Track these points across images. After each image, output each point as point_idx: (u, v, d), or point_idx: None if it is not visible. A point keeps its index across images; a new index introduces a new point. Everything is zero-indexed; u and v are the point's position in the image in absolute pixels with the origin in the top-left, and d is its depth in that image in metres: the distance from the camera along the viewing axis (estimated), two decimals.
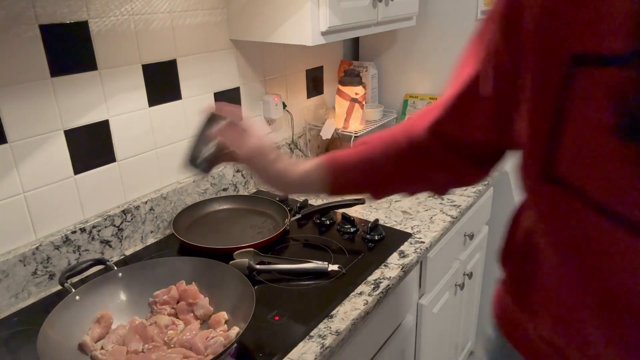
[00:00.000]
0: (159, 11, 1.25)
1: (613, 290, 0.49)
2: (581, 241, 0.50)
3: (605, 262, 0.49)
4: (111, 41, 1.17)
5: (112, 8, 1.15)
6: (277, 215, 1.39)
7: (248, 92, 1.57)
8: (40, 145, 1.09)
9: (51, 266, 1.13)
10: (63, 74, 1.09)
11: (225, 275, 0.98)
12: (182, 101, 1.37)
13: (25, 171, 1.07)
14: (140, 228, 1.30)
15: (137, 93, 1.26)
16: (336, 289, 1.07)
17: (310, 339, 0.94)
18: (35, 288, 1.11)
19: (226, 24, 1.44)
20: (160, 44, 1.28)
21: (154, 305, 0.98)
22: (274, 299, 1.04)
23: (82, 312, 0.92)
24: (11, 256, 1.06)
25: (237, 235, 1.30)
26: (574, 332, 0.56)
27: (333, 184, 0.79)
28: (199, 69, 1.39)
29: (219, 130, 0.82)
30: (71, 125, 1.13)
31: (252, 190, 1.61)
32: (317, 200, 1.51)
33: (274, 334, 0.94)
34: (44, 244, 1.11)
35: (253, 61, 1.56)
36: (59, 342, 0.85)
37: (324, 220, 1.37)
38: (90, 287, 0.95)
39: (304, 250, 1.25)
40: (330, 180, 0.78)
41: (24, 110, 1.04)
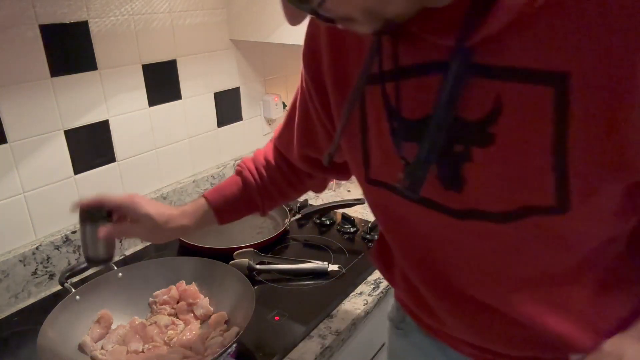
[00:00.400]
0: (159, 11, 1.25)
1: (414, 243, 0.68)
2: (393, 216, 0.68)
3: (407, 226, 0.66)
4: (111, 41, 1.16)
5: (112, 8, 1.15)
6: (277, 215, 1.39)
7: (248, 92, 1.57)
8: (40, 145, 1.09)
9: (51, 266, 1.13)
10: (63, 74, 1.09)
11: (225, 275, 0.98)
12: (182, 101, 1.37)
13: (25, 171, 1.07)
14: None
15: (137, 93, 1.26)
16: (336, 289, 1.07)
17: (310, 339, 0.94)
18: (35, 288, 1.11)
19: (226, 24, 1.44)
20: (160, 44, 1.28)
21: (154, 305, 0.98)
22: (274, 299, 1.04)
23: (82, 312, 0.92)
24: (11, 256, 1.06)
25: (237, 235, 1.30)
26: (414, 293, 0.72)
27: (220, 221, 0.87)
28: (199, 69, 1.39)
29: (102, 232, 0.78)
30: (71, 125, 1.13)
31: None
32: (317, 200, 1.51)
33: (274, 334, 0.94)
34: (44, 244, 1.11)
35: (253, 61, 1.56)
36: (59, 342, 0.85)
37: (324, 220, 1.37)
38: (90, 287, 0.95)
39: (304, 250, 1.25)
40: (215, 215, 0.86)
41: (24, 110, 1.04)
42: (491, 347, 0.67)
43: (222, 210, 0.86)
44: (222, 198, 0.86)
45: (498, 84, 0.50)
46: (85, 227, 0.78)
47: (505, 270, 0.60)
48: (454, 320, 0.68)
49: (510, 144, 0.51)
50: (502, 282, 0.61)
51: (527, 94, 0.48)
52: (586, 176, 0.50)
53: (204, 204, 0.85)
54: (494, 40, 0.48)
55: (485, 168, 0.54)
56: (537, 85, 0.48)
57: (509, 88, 0.49)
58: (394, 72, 0.57)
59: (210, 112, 1.47)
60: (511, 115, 0.50)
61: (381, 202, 0.69)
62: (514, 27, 0.47)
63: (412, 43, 0.55)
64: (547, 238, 0.56)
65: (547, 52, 0.47)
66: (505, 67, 0.49)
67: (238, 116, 1.56)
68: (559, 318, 0.60)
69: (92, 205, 0.79)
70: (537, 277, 0.60)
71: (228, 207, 0.86)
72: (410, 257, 0.70)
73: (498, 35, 0.48)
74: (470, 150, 0.54)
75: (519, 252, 0.58)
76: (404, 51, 0.56)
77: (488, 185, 0.54)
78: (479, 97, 0.51)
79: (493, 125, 0.51)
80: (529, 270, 0.59)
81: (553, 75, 0.47)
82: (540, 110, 0.48)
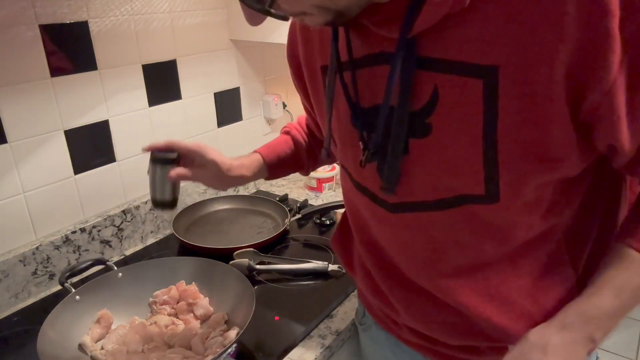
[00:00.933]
0: (159, 11, 1.25)
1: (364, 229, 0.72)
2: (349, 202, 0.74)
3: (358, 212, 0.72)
4: (111, 41, 1.16)
5: (112, 8, 1.15)
6: (277, 215, 1.39)
7: (248, 92, 1.57)
8: (40, 145, 1.09)
9: (51, 266, 1.13)
10: (63, 74, 1.09)
11: (225, 275, 0.98)
12: (182, 101, 1.37)
13: (25, 171, 1.07)
14: (140, 228, 1.30)
15: (137, 93, 1.26)
16: (336, 289, 1.07)
17: (310, 339, 0.94)
18: (35, 288, 1.11)
19: (226, 24, 1.44)
20: (160, 44, 1.28)
21: (154, 305, 0.98)
22: (274, 299, 1.04)
23: (82, 312, 0.92)
24: (11, 256, 1.06)
25: (237, 235, 1.30)
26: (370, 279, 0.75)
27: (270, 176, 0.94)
28: (199, 69, 1.39)
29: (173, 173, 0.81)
30: (71, 125, 1.13)
31: (252, 190, 1.61)
32: (317, 200, 1.51)
33: (274, 334, 0.94)
34: (44, 244, 1.11)
35: (253, 61, 1.56)
36: (59, 342, 0.84)
37: (324, 220, 1.37)
38: (90, 287, 0.95)
39: (304, 250, 1.25)
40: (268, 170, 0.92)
41: (24, 110, 1.04)
42: (433, 335, 0.69)
43: (274, 166, 0.92)
44: (275, 155, 0.92)
45: (436, 76, 0.52)
46: (156, 168, 0.82)
47: (440, 258, 0.62)
48: (401, 306, 0.70)
49: (445, 134, 0.54)
50: (438, 270, 0.63)
51: (461, 86, 0.51)
52: (514, 167, 0.52)
53: (259, 159, 0.90)
54: (431, 35, 0.51)
55: (421, 159, 0.56)
56: (469, 78, 0.50)
57: (445, 80, 0.52)
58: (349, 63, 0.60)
59: (210, 112, 1.47)
60: (446, 106, 0.53)
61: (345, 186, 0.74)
62: (451, 22, 0.50)
63: (364, 35, 0.58)
64: (480, 226, 0.58)
65: (478, 46, 0.49)
66: (442, 59, 0.52)
67: (238, 116, 1.56)
68: (494, 307, 0.62)
69: (164, 148, 0.82)
70: (471, 266, 0.61)
71: (279, 163, 0.92)
72: (362, 242, 0.74)
73: (438, 29, 0.50)
74: (407, 143, 0.56)
75: (452, 240, 0.60)
76: (357, 43, 0.59)
77: (424, 175, 0.57)
78: (419, 89, 0.54)
79: (431, 115, 0.54)
80: (462, 259, 0.61)
81: (483, 69, 0.49)
82: (472, 101, 0.51)
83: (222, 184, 0.89)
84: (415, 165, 0.57)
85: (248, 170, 0.88)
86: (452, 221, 0.58)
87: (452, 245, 0.61)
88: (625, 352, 2.21)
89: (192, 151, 0.83)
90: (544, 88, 0.48)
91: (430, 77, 0.53)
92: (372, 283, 0.75)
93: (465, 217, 0.57)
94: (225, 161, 0.85)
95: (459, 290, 0.63)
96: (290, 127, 0.95)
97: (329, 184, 1.58)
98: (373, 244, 0.72)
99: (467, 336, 0.66)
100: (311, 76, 0.71)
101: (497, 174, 0.53)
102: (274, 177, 0.94)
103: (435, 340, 0.71)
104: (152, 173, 0.83)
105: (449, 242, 0.60)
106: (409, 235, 0.63)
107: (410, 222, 0.62)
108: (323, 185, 1.57)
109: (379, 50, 0.57)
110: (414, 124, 0.55)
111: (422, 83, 0.53)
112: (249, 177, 0.89)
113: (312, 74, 0.71)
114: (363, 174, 0.64)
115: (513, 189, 0.53)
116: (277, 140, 0.94)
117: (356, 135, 0.62)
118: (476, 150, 0.52)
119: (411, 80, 0.53)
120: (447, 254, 0.62)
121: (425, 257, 0.63)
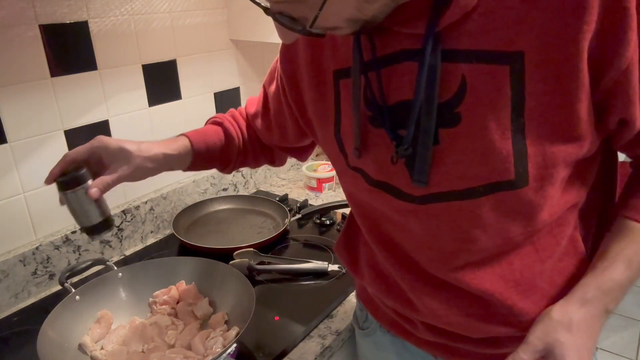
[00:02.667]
0: (159, 11, 1.25)
1: (381, 227, 0.71)
2: (364, 203, 0.72)
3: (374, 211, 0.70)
4: (111, 41, 1.16)
5: (112, 8, 1.15)
6: (277, 215, 1.39)
7: (248, 92, 1.57)
8: (40, 145, 1.09)
9: (51, 266, 1.13)
10: (63, 74, 1.09)
11: (225, 275, 0.98)
12: (182, 101, 1.37)
13: (25, 171, 1.07)
14: (140, 228, 1.30)
15: (137, 93, 1.26)
16: (336, 289, 1.07)
17: (310, 339, 0.94)
18: (35, 288, 1.11)
19: (226, 24, 1.44)
20: (160, 44, 1.28)
21: (154, 305, 0.98)
22: (274, 299, 1.04)
23: (82, 312, 0.92)
24: (11, 256, 1.06)
25: (237, 235, 1.30)
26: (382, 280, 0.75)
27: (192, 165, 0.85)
28: (199, 69, 1.39)
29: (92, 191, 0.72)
30: (71, 125, 1.13)
31: (252, 190, 1.61)
32: (317, 200, 1.51)
33: (274, 334, 0.94)
34: (44, 244, 1.11)
35: (253, 61, 1.56)
36: (59, 342, 0.85)
37: (324, 220, 1.37)
38: (90, 287, 0.95)
39: (304, 250, 1.25)
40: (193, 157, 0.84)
41: (24, 110, 1.04)
42: (455, 330, 0.69)
43: (200, 155, 0.83)
44: (204, 143, 0.83)
45: (463, 66, 0.54)
46: (67, 195, 0.71)
47: (467, 247, 0.63)
48: (421, 302, 0.70)
49: (474, 121, 0.55)
50: (464, 259, 0.64)
51: (488, 74, 0.53)
52: (542, 149, 0.54)
53: (186, 143, 0.82)
54: (454, 28, 0.53)
55: (451, 148, 0.57)
56: (496, 65, 0.53)
57: (472, 69, 0.54)
58: (373, 63, 0.61)
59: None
60: (475, 95, 0.54)
61: (354, 188, 0.72)
62: (474, 13, 0.53)
63: (382, 36, 0.59)
64: (507, 212, 0.59)
65: (503, 34, 0.52)
66: (467, 50, 0.54)
67: None
68: (518, 293, 0.63)
69: (64, 168, 0.72)
70: (497, 252, 0.63)
71: (206, 154, 0.84)
72: (377, 241, 0.73)
73: (461, 21, 0.53)
74: (437, 133, 0.58)
75: (480, 228, 0.61)
76: (374, 44, 0.61)
77: (453, 164, 0.58)
78: (447, 80, 0.55)
79: (459, 105, 0.56)
80: (489, 246, 0.62)
81: (509, 55, 0.52)
82: (500, 88, 0.53)
83: (145, 172, 0.79)
84: (445, 154, 0.58)
85: (171, 149, 0.79)
86: (480, 209, 0.59)
87: (480, 233, 0.61)
88: (625, 352, 2.21)
89: (93, 148, 0.74)
90: (569, 70, 0.51)
91: (457, 68, 0.54)
92: (386, 283, 0.75)
93: (494, 204, 0.58)
94: (133, 142, 0.76)
95: (484, 278, 0.64)
96: (222, 119, 0.87)
97: (329, 184, 1.58)
98: (390, 242, 0.71)
99: (489, 326, 0.67)
100: (317, 82, 0.70)
101: (525, 157, 0.54)
102: (194, 167, 0.85)
103: (454, 336, 0.71)
104: (66, 202, 0.72)
105: (477, 230, 0.61)
106: (435, 227, 0.63)
107: (438, 213, 0.62)
108: (323, 185, 1.57)
109: (400, 49, 0.58)
110: (443, 114, 0.57)
111: (449, 74, 0.55)
112: (172, 157, 0.80)
113: (319, 80, 0.70)
114: (388, 171, 0.64)
115: (541, 171, 0.55)
116: (207, 128, 0.86)
117: (379, 134, 0.63)
118: (505, 135, 0.54)
119: (439, 73, 0.55)
120: (474, 242, 0.62)
121: (453, 247, 0.64)
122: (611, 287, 0.59)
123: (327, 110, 0.70)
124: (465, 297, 0.66)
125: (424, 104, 0.56)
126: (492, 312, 0.65)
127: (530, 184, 0.56)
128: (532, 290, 0.64)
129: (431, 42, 0.54)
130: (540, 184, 0.56)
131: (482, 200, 0.58)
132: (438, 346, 0.75)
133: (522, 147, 0.54)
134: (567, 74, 0.51)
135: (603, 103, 0.54)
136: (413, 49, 0.57)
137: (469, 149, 0.56)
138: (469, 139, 0.56)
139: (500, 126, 0.54)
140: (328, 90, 0.69)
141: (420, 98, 0.56)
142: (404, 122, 0.59)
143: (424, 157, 0.58)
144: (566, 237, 0.64)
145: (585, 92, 0.52)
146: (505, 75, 0.53)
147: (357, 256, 0.81)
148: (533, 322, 0.62)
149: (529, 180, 0.55)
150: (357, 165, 0.68)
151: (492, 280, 0.64)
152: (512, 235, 0.61)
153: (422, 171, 0.59)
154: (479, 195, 0.58)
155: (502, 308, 0.64)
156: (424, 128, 0.57)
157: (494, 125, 0.54)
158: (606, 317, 0.60)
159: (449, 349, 0.74)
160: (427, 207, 0.62)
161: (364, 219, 0.74)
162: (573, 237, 0.65)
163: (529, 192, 0.56)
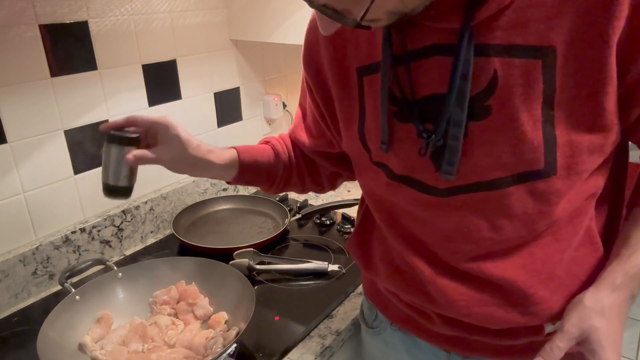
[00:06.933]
0: (159, 11, 1.25)
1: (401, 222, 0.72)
2: (384, 199, 0.72)
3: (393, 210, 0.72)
4: (111, 41, 1.16)
5: (112, 8, 1.15)
6: (277, 215, 1.39)
7: (248, 92, 1.57)
8: (40, 145, 1.09)
9: (51, 266, 1.13)
10: (63, 74, 1.09)
11: (225, 275, 0.98)
12: (182, 101, 1.37)
13: (25, 171, 1.07)
14: (140, 228, 1.30)
15: (137, 93, 1.26)
16: (336, 289, 1.07)
17: (310, 339, 0.94)
18: (35, 288, 1.11)
19: (226, 24, 1.44)
20: (160, 44, 1.28)
21: (154, 305, 0.98)
22: (274, 299, 1.04)
23: (82, 312, 0.92)
24: (11, 256, 1.06)
25: (237, 235, 1.30)
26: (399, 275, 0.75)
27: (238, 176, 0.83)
28: (199, 69, 1.39)
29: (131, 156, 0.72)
30: (71, 125, 1.13)
31: (252, 190, 1.61)
32: (317, 200, 1.51)
33: (274, 334, 0.94)
34: (44, 244, 1.11)
35: (253, 61, 1.56)
36: (59, 342, 0.85)
37: (324, 220, 1.37)
38: (90, 287, 0.95)
39: (304, 250, 1.25)
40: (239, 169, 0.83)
41: (24, 110, 1.04)
42: (474, 322, 0.69)
43: (246, 167, 0.83)
44: (251, 157, 0.83)
45: (495, 60, 0.56)
46: (111, 148, 0.73)
47: (492, 237, 0.64)
48: (441, 295, 0.70)
49: (505, 114, 0.57)
50: (488, 249, 0.65)
51: (520, 67, 0.55)
52: (571, 139, 0.56)
53: (234, 154, 0.82)
54: (487, 23, 0.55)
55: (481, 140, 0.59)
56: (528, 60, 0.54)
57: (504, 63, 0.55)
58: (403, 58, 0.62)
59: (210, 112, 1.47)
60: (506, 88, 0.56)
61: (374, 184, 0.73)
62: (507, 9, 0.54)
63: (412, 31, 0.60)
64: (533, 201, 0.60)
65: (535, 29, 0.53)
66: (500, 44, 0.55)
67: (238, 116, 1.56)
68: (540, 282, 0.65)
69: (124, 126, 0.74)
70: (521, 243, 0.64)
71: (253, 167, 0.84)
72: (397, 236, 0.73)
73: (494, 16, 0.54)
74: (467, 126, 0.59)
75: (506, 218, 0.62)
76: (399, 39, 0.61)
77: (482, 156, 0.59)
78: (478, 74, 0.57)
79: (490, 98, 0.57)
80: (513, 236, 0.63)
81: (541, 50, 0.54)
82: (531, 81, 0.55)
83: (184, 167, 0.78)
84: (474, 147, 0.59)
85: (218, 158, 0.79)
86: (508, 199, 0.60)
87: (506, 223, 0.62)
88: (625, 352, 2.21)
89: (157, 123, 0.75)
90: (598, 64, 0.52)
91: (489, 62, 0.56)
92: (402, 277, 0.75)
93: (522, 194, 0.60)
94: (193, 139, 0.77)
95: (506, 267, 0.65)
96: (270, 139, 0.88)
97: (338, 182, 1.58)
98: (409, 236, 0.72)
99: (509, 315, 0.67)
100: (341, 79, 0.71)
101: (555, 147, 0.56)
102: (240, 181, 0.84)
103: (472, 328, 0.71)
104: (106, 153, 0.73)
105: (503, 220, 0.62)
106: (459, 219, 0.64)
107: (463, 205, 0.63)
108: None
109: (431, 43, 0.59)
110: (474, 107, 0.58)
111: (481, 68, 0.56)
112: (215, 166, 0.79)
113: (343, 77, 0.70)
114: (412, 165, 0.65)
115: (568, 160, 0.57)
116: (255, 145, 0.87)
117: (404, 128, 0.64)
118: (536, 126, 0.56)
119: (472, 68, 0.56)
120: (500, 232, 0.63)
121: (476, 237, 0.65)
122: (636, 272, 0.61)
123: (352, 107, 0.71)
124: (486, 287, 0.67)
125: (456, 97, 0.57)
126: (512, 301, 0.66)
127: (559, 172, 0.57)
128: (551, 279, 0.65)
129: (467, 36, 0.55)
130: (567, 172, 0.58)
131: (511, 190, 0.59)
132: (453, 340, 0.75)
133: (552, 137, 0.56)
134: (596, 68, 0.52)
135: (627, 96, 0.55)
136: (446, 44, 0.58)
137: (499, 141, 0.58)
138: (498, 131, 0.57)
139: (532, 117, 0.55)
140: (352, 88, 0.70)
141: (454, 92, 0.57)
142: (432, 115, 0.60)
143: (454, 149, 0.59)
144: (584, 227, 0.65)
145: (613, 85, 0.53)
146: (537, 69, 0.54)
147: (370, 252, 0.81)
148: (550, 310, 0.64)
149: (557, 169, 0.57)
150: (380, 160, 0.69)
151: (513, 269, 0.65)
152: (536, 224, 0.62)
153: (451, 163, 0.60)
154: (507, 185, 0.59)
155: (523, 297, 0.65)
156: (455, 121, 0.58)
157: (525, 116, 0.56)
158: (632, 302, 0.62)
159: (464, 342, 0.74)
160: (451, 199, 0.63)
161: (383, 215, 0.75)
162: (589, 227, 0.66)
163: (557, 181, 0.58)
